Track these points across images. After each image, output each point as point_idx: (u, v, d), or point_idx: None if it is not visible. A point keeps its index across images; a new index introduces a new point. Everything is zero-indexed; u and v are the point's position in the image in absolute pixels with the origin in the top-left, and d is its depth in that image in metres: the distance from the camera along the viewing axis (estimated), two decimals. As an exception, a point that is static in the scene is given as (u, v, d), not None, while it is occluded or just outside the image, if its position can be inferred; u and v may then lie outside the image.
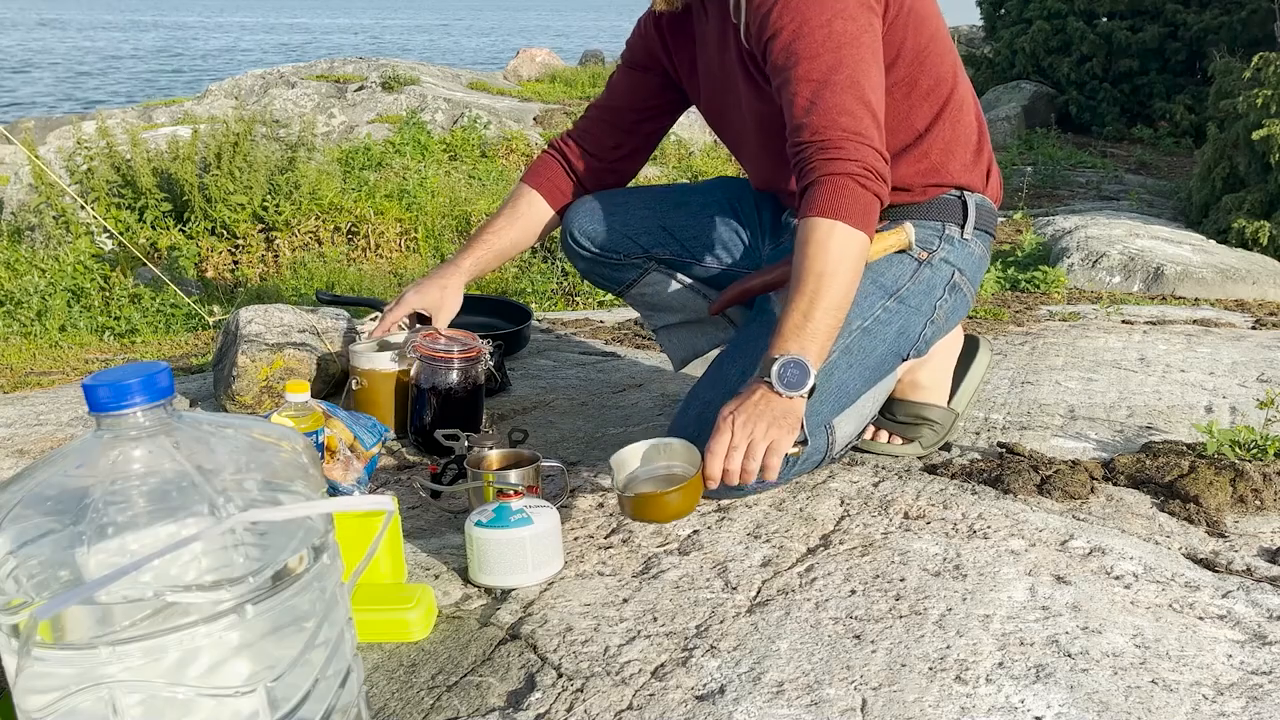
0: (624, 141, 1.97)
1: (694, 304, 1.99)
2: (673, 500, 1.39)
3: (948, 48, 1.71)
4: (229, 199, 5.93)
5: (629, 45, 1.95)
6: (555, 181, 1.98)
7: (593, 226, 1.96)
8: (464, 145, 8.81)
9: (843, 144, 1.47)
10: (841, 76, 1.50)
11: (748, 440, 1.41)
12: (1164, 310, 3.44)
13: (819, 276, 1.44)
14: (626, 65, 1.96)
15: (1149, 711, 1.11)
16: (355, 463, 1.68)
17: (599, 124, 1.97)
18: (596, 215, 1.96)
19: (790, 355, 1.42)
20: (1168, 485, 1.67)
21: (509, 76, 13.28)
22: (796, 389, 1.42)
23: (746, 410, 1.42)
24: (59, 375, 3.19)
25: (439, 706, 1.14)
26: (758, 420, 1.42)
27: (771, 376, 1.42)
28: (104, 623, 0.81)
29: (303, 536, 0.89)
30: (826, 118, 1.48)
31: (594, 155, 1.96)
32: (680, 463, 1.49)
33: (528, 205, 1.97)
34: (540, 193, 1.97)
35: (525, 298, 4.73)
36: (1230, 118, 5.87)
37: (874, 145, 1.49)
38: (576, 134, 1.99)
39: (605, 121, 1.97)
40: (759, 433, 1.41)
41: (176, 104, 10.71)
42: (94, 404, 0.84)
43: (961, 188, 1.73)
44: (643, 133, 1.99)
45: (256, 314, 2.16)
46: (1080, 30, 10.11)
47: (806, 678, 1.17)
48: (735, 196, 1.95)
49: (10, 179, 6.90)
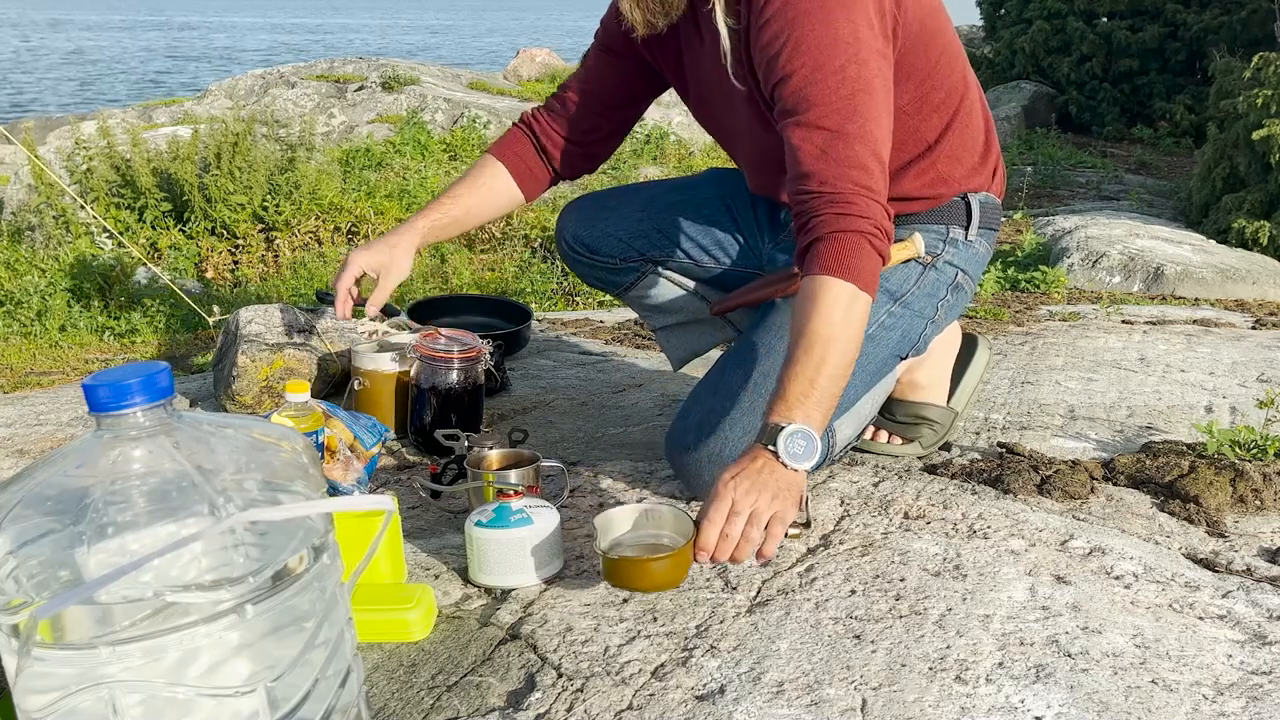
0: (600, 125, 1.88)
1: (692, 305, 1.99)
2: (659, 568, 1.27)
3: (956, 54, 1.67)
4: (229, 199, 5.93)
5: (604, 25, 1.82)
6: (524, 159, 1.88)
7: (587, 231, 1.94)
8: (464, 145, 8.80)
9: (854, 199, 1.41)
10: (854, 127, 1.43)
11: (750, 509, 1.29)
12: (1164, 310, 3.44)
13: (827, 341, 1.36)
14: (601, 48, 1.84)
15: (1149, 711, 1.11)
16: (355, 463, 1.68)
17: (575, 105, 1.86)
18: (590, 219, 1.94)
19: (797, 425, 1.33)
20: (1168, 485, 1.67)
21: (509, 76, 13.28)
22: (803, 462, 1.33)
23: (749, 478, 1.31)
24: (59, 375, 3.20)
25: (439, 706, 1.14)
26: (761, 490, 1.30)
27: (778, 447, 1.32)
28: (104, 623, 0.81)
29: (303, 536, 0.89)
30: (838, 169, 1.42)
31: (568, 138, 1.87)
32: (669, 532, 1.39)
33: (490, 177, 1.87)
34: (505, 166, 1.87)
35: (525, 298, 4.73)
36: (1230, 118, 5.86)
37: (883, 202, 1.44)
38: (550, 113, 1.88)
39: (581, 104, 1.86)
40: (763, 503, 1.30)
41: (176, 104, 10.71)
42: (94, 404, 0.84)
43: (966, 192, 1.73)
44: (620, 117, 1.90)
45: (256, 314, 2.16)
46: (1080, 30, 10.11)
47: (806, 678, 1.17)
48: (729, 193, 1.93)
49: (10, 179, 6.90)
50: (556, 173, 1.90)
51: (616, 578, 1.30)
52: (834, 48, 1.44)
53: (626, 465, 1.83)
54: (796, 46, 1.45)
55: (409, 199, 6.57)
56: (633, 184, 2.09)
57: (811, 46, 1.44)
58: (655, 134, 8.95)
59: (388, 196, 6.56)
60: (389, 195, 6.60)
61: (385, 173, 7.57)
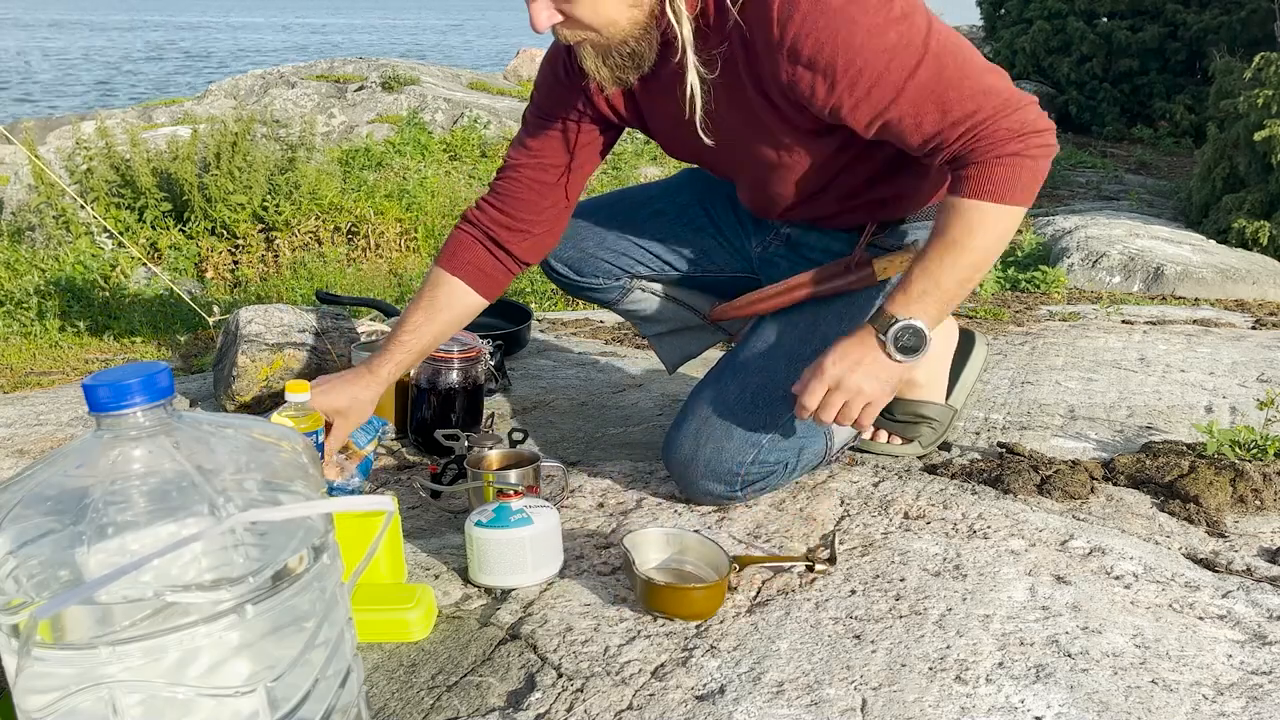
0: (561, 195, 1.72)
1: (681, 315, 2.00)
2: (700, 597, 1.30)
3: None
4: (229, 199, 5.93)
5: (541, 89, 1.70)
6: (479, 266, 1.72)
7: (569, 253, 1.92)
8: (464, 145, 8.81)
9: (997, 123, 1.36)
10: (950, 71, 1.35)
11: (850, 395, 1.42)
12: (1164, 310, 3.44)
13: (961, 248, 1.40)
14: (542, 116, 1.69)
15: (1149, 711, 1.11)
16: (348, 464, 1.68)
17: (528, 184, 1.70)
18: (572, 242, 1.90)
19: (910, 320, 1.40)
20: (1168, 485, 1.67)
21: (509, 77, 13.28)
22: (910, 356, 1.42)
23: (854, 363, 1.42)
24: (59, 375, 3.20)
25: (439, 706, 1.14)
26: (864, 378, 1.42)
27: (887, 336, 1.40)
28: (104, 623, 0.81)
29: (303, 536, 0.89)
30: (964, 109, 1.36)
31: (527, 222, 1.72)
32: (693, 559, 1.40)
33: (447, 297, 1.72)
34: (460, 277, 1.72)
35: (525, 298, 4.73)
36: (1230, 118, 5.86)
37: (1023, 105, 1.38)
38: (500, 200, 1.72)
39: (535, 180, 1.70)
40: (865, 388, 1.43)
41: (176, 104, 10.71)
42: (94, 404, 0.84)
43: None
44: (581, 176, 1.73)
45: (256, 314, 2.16)
46: (1080, 30, 10.12)
47: (806, 678, 1.17)
48: (703, 195, 1.91)
49: (10, 179, 6.90)
50: (520, 262, 1.75)
51: (658, 602, 1.31)
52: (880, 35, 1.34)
53: (626, 465, 1.83)
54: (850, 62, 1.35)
55: (409, 199, 6.57)
56: (612, 193, 2.06)
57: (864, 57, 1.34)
58: (655, 134, 8.94)
59: (387, 196, 6.56)
60: (389, 195, 6.60)
61: (385, 173, 7.57)
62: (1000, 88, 1.38)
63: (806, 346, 1.61)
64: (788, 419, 1.59)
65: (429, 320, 1.72)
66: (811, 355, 1.53)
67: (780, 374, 1.60)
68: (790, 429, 1.59)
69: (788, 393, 1.54)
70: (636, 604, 1.33)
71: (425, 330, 1.72)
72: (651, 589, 1.30)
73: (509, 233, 1.72)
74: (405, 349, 1.71)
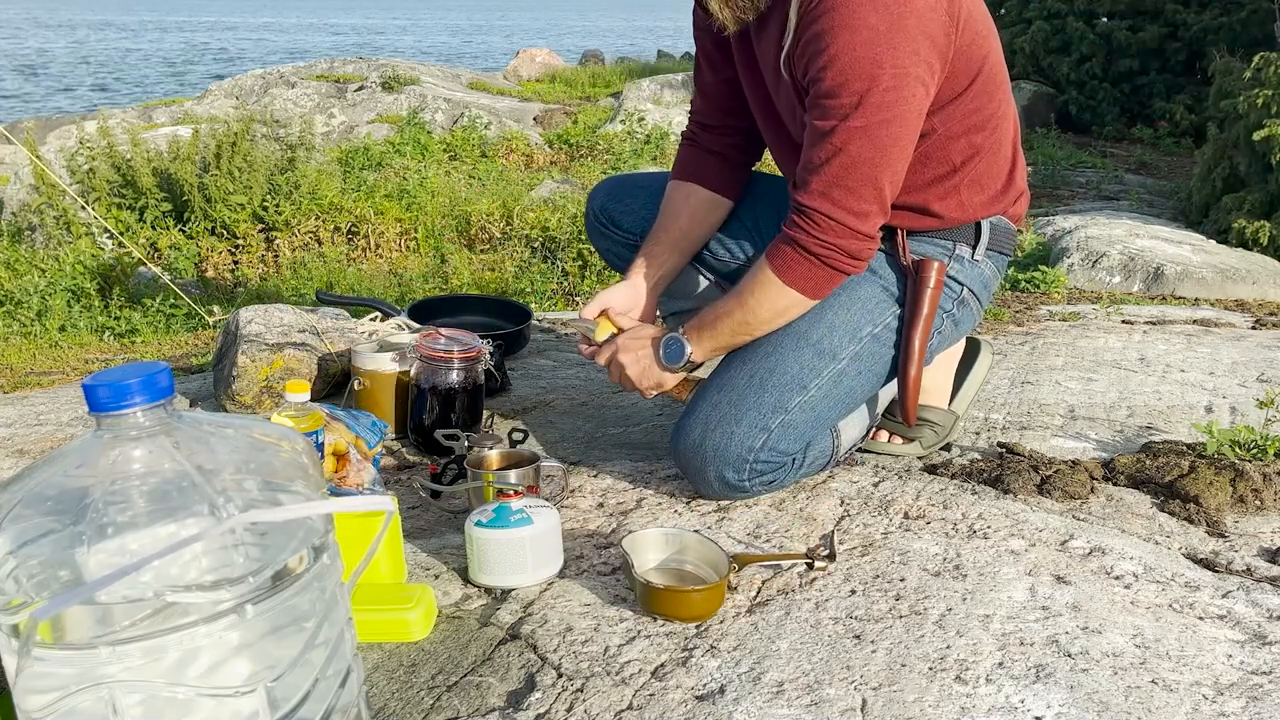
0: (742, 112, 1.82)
1: (709, 294, 1.98)
2: (699, 599, 1.30)
3: (999, 83, 1.63)
4: (229, 199, 5.94)
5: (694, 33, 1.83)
6: (716, 172, 1.86)
7: (614, 205, 1.98)
8: (464, 145, 8.81)
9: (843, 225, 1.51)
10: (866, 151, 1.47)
11: (620, 374, 1.72)
12: (1164, 310, 3.44)
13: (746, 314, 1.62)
14: (699, 49, 1.84)
15: (1149, 711, 1.11)
16: (365, 464, 1.68)
17: (711, 105, 1.86)
18: (619, 195, 1.98)
19: (681, 338, 1.66)
20: (1168, 485, 1.67)
21: (509, 76, 13.29)
22: (669, 362, 1.68)
23: (634, 352, 1.70)
24: (59, 375, 3.20)
25: (439, 706, 1.14)
26: (632, 364, 1.70)
27: (661, 344, 1.68)
28: (104, 623, 0.81)
29: (303, 536, 0.89)
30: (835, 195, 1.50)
31: (719, 130, 1.86)
32: (693, 559, 1.41)
33: (684, 197, 1.86)
34: (692, 182, 1.86)
35: (525, 298, 4.73)
36: (1230, 118, 5.86)
37: (871, 235, 1.54)
38: (698, 118, 1.89)
39: (712, 103, 1.86)
40: (630, 372, 1.71)
41: (176, 104, 10.71)
42: (94, 404, 0.84)
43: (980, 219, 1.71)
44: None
45: (256, 314, 2.16)
46: (1080, 30, 10.11)
47: (806, 678, 1.17)
48: (753, 204, 1.91)
49: (10, 179, 6.90)
50: (743, 161, 1.90)
51: (657, 604, 1.31)
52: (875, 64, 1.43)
53: (626, 465, 1.83)
54: (835, 55, 1.44)
55: (409, 199, 6.57)
56: (666, 171, 2.09)
57: (851, 59, 1.44)
58: (655, 134, 8.95)
59: (387, 196, 6.56)
60: (389, 195, 6.60)
61: (385, 173, 7.57)
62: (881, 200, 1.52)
63: (814, 330, 1.63)
64: (796, 404, 1.59)
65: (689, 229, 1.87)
66: (818, 339, 1.61)
67: (788, 357, 1.62)
68: (798, 416, 1.60)
69: (795, 375, 1.59)
70: (636, 605, 1.33)
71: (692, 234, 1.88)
72: (650, 591, 1.30)
73: (711, 139, 1.87)
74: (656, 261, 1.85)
